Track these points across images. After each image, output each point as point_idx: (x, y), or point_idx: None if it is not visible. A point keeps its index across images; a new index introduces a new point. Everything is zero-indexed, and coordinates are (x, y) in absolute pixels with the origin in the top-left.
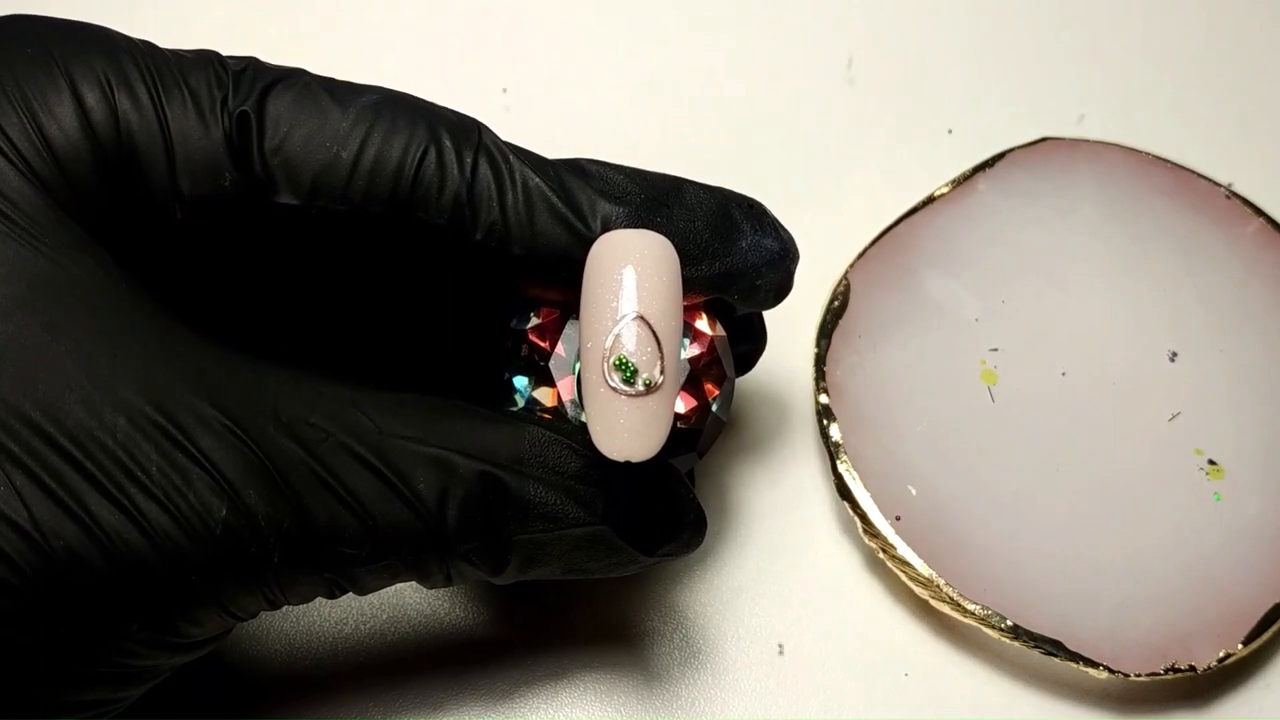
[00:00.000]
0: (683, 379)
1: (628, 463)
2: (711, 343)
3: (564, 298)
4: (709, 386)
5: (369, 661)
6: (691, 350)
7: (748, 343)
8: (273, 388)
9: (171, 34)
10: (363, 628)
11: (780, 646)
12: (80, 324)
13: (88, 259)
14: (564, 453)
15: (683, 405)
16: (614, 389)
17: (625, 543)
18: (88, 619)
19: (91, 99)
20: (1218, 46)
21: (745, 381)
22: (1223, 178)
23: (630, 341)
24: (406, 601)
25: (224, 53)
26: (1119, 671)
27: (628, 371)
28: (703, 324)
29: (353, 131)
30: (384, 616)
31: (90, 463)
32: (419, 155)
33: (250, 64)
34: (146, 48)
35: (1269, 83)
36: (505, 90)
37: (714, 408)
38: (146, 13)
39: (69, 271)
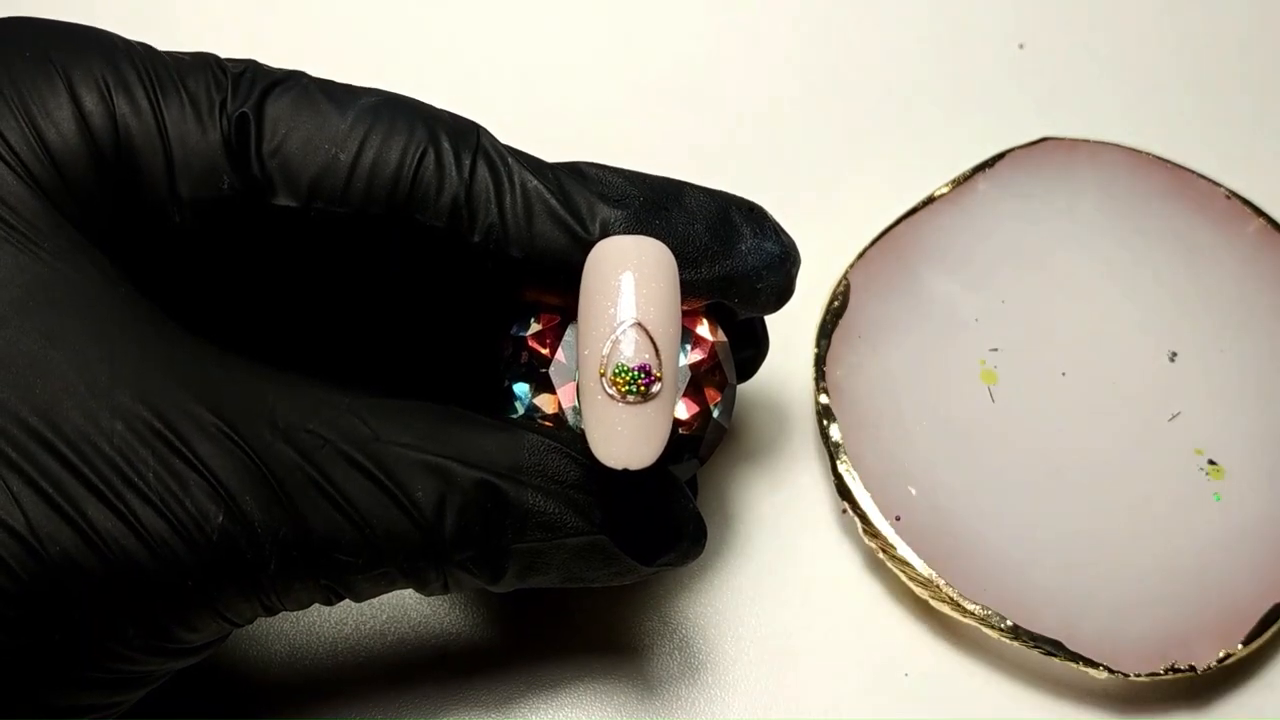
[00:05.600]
0: (683, 385)
1: (626, 471)
2: (713, 348)
3: (564, 302)
4: (710, 392)
5: (369, 663)
6: (692, 356)
7: (749, 348)
8: (271, 393)
9: (170, 36)
10: (363, 629)
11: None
12: (78, 329)
13: (85, 263)
14: (563, 461)
15: (684, 411)
16: (611, 396)
17: (624, 553)
18: (84, 624)
19: (89, 102)
20: (1218, 46)
21: (745, 382)
22: (1223, 178)
23: (628, 348)
24: (407, 603)
25: (222, 55)
26: (1119, 671)
27: (625, 379)
28: (704, 329)
29: (351, 133)
30: (384, 617)
31: (87, 468)
32: (417, 157)
33: (249, 66)
34: (145, 50)
35: (1269, 83)
36: (504, 92)
37: (715, 414)
38: (145, 15)
39: (66, 276)
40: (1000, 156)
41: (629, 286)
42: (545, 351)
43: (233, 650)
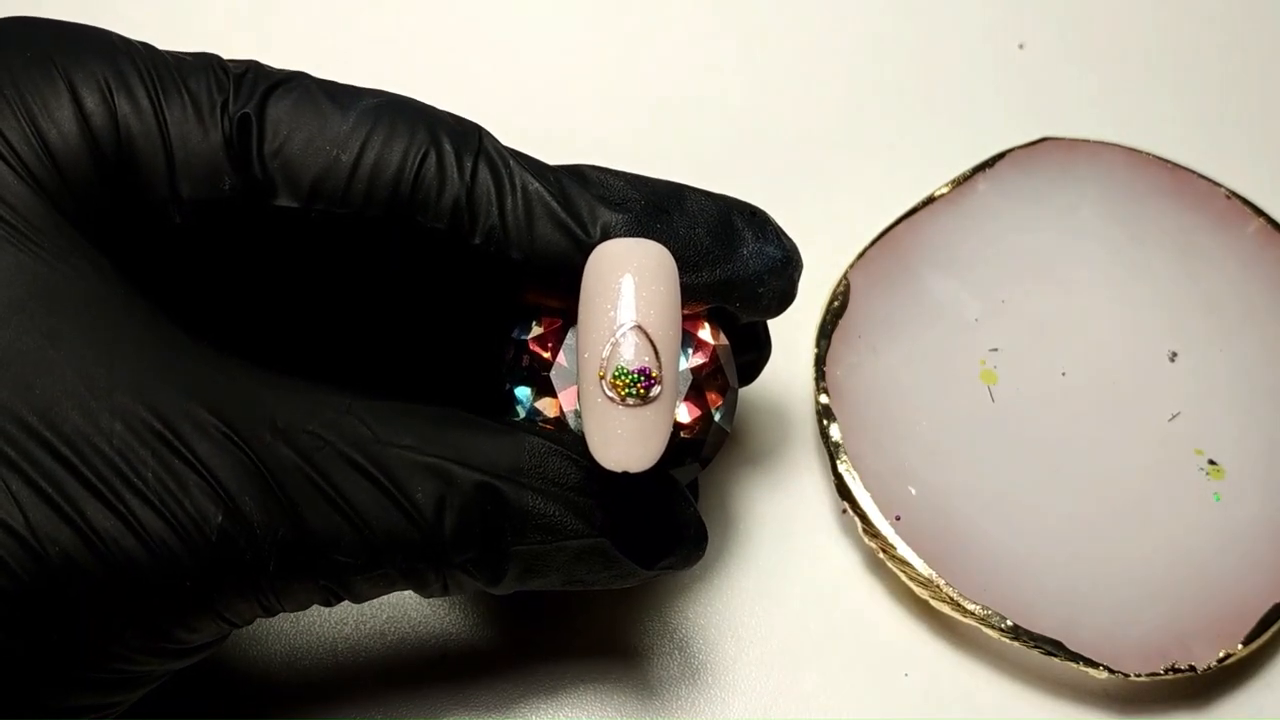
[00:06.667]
0: (685, 389)
1: (626, 473)
2: (714, 352)
3: (565, 305)
4: (712, 396)
5: (369, 663)
6: (694, 360)
7: (752, 352)
8: (271, 394)
9: (173, 37)
10: (363, 629)
11: None
12: (78, 329)
13: (86, 264)
14: (563, 464)
15: (686, 415)
16: (611, 399)
17: (624, 556)
18: (83, 625)
19: (91, 103)
20: (1217, 46)
21: (747, 386)
22: (1223, 178)
23: (628, 351)
24: (407, 604)
25: (225, 56)
26: (1119, 671)
27: (625, 382)
28: (705, 333)
29: (353, 134)
30: (384, 618)
31: (86, 469)
32: (419, 158)
33: (251, 67)
34: (146, 50)
35: (1268, 82)
36: (506, 96)
37: (716, 417)
38: (147, 15)
39: (67, 277)
40: (1000, 156)
41: (629, 289)
42: (546, 355)
43: (232, 650)
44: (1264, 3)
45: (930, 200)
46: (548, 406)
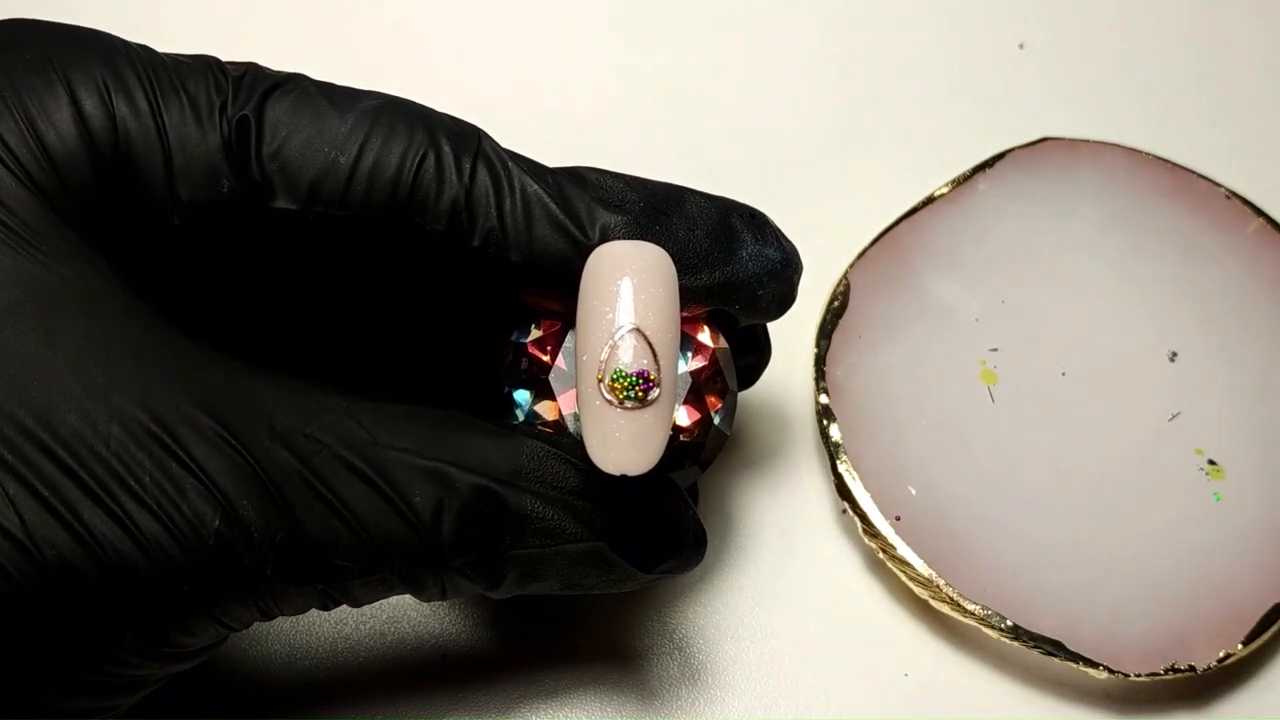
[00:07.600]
0: (684, 392)
1: (625, 476)
2: (713, 355)
3: (565, 308)
4: (711, 399)
5: (368, 664)
6: (693, 363)
7: (751, 355)
8: (269, 397)
9: (171, 39)
10: (362, 629)
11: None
12: (76, 331)
13: (84, 266)
14: (562, 467)
15: (685, 418)
16: (609, 402)
17: (623, 560)
18: (80, 628)
19: (89, 105)
20: (1218, 46)
21: (747, 389)
22: (1223, 178)
23: (626, 354)
24: (407, 604)
25: (224, 58)
26: (1119, 671)
27: (623, 385)
28: (705, 336)
29: (351, 136)
30: (384, 618)
31: (84, 471)
32: (417, 160)
33: (249, 69)
34: (145, 53)
35: (1269, 83)
36: (505, 97)
37: (716, 421)
38: (145, 16)
39: (65, 278)
40: (1000, 156)
41: (628, 292)
42: (546, 358)
43: (232, 650)
44: (1266, 3)
45: (930, 200)
46: (546, 409)
